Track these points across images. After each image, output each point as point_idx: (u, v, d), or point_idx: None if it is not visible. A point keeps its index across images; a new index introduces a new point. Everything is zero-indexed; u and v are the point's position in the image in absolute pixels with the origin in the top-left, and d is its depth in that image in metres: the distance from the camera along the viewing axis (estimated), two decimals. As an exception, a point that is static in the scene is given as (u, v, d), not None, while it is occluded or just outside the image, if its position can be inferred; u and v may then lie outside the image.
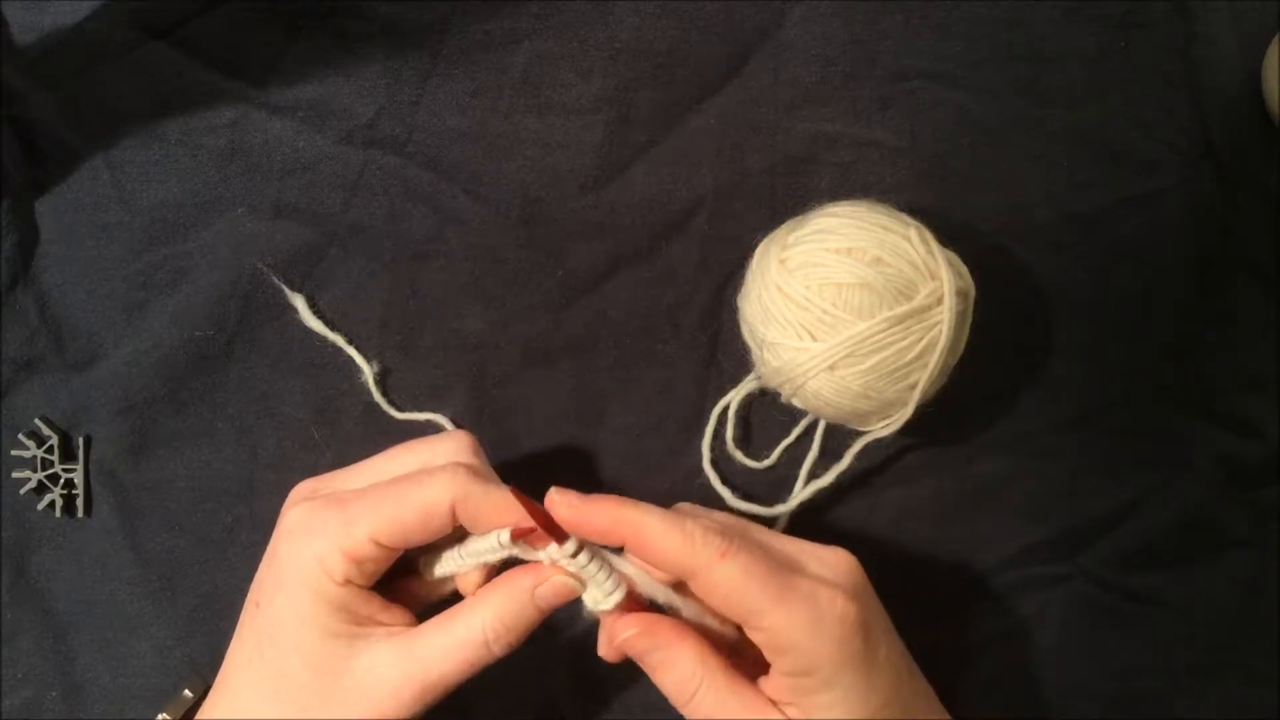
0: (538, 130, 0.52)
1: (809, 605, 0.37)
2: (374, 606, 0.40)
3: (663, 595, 0.40)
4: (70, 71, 0.52)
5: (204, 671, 0.49)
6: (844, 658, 0.36)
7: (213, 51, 0.52)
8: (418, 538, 0.40)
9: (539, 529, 0.38)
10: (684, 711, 0.39)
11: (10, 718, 0.50)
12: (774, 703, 0.38)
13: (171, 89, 0.52)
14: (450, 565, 0.42)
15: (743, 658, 0.41)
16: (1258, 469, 0.49)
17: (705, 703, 0.38)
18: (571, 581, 0.39)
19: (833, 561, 0.40)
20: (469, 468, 0.40)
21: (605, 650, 0.41)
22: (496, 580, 0.40)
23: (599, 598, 0.40)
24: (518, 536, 0.39)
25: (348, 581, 0.39)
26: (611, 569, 0.40)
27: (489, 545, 0.40)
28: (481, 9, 0.52)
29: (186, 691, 0.46)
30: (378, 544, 0.39)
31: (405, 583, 0.43)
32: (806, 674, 0.37)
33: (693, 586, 0.39)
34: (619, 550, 0.40)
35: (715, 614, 0.41)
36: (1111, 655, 0.49)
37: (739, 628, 0.40)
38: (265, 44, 0.52)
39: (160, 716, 0.46)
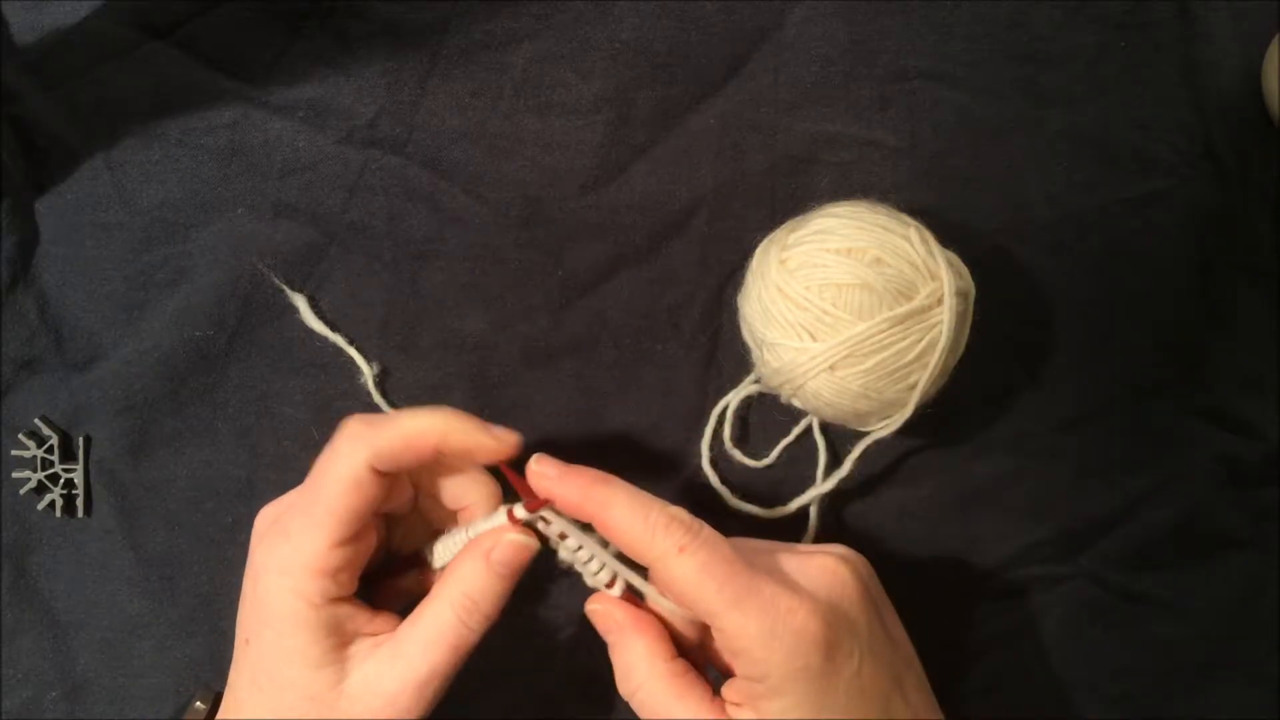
0: (538, 130, 0.52)
1: (766, 612, 0.36)
2: (360, 620, 0.39)
3: (635, 581, 0.40)
4: (70, 71, 0.52)
5: (203, 672, 0.49)
6: (794, 669, 0.36)
7: (213, 51, 0.52)
8: (407, 457, 0.39)
9: (548, 501, 0.39)
10: (629, 701, 0.40)
11: (10, 718, 0.50)
12: (728, 703, 0.38)
13: (171, 89, 0.52)
14: (455, 550, 0.41)
15: (715, 652, 0.40)
16: (1258, 469, 0.49)
17: (647, 700, 0.39)
18: (522, 538, 0.39)
19: (815, 572, 0.38)
20: (459, 412, 0.40)
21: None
22: (455, 557, 0.40)
23: (588, 579, 0.41)
24: (533, 509, 0.39)
25: (326, 600, 0.38)
26: (597, 554, 0.40)
27: (496, 522, 0.40)
28: (481, 9, 0.52)
29: (198, 703, 0.46)
30: (375, 471, 0.38)
31: (407, 580, 0.43)
32: (757, 680, 0.37)
33: (652, 577, 0.39)
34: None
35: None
36: (1111, 655, 0.49)
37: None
38: (265, 44, 0.52)
39: None
